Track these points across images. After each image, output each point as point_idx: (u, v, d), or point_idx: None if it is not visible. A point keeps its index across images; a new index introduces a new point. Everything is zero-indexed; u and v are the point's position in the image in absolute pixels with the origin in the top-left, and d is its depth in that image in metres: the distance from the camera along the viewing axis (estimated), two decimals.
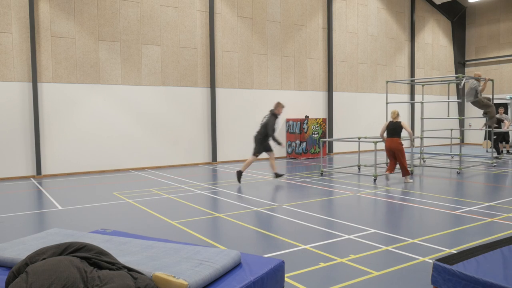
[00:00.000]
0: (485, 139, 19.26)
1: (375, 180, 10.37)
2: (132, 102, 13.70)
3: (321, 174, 11.67)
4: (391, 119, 10.31)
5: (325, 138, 16.99)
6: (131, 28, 13.59)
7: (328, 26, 17.96)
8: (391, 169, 10.34)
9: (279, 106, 10.50)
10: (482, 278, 2.91)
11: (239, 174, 10.41)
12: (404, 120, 20.85)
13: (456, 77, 12.59)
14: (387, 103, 12.75)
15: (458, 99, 21.70)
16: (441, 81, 14.49)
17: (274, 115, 10.48)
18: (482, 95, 12.07)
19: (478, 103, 11.97)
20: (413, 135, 11.04)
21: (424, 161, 13.77)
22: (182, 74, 14.59)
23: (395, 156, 10.22)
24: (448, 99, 13.39)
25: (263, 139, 10.54)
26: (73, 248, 2.86)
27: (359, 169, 12.69)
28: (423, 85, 14.23)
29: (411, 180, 10.43)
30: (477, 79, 11.81)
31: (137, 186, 10.43)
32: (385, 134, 10.47)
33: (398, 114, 10.27)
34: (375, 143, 10.36)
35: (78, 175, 12.67)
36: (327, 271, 4.42)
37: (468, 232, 5.80)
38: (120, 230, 5.42)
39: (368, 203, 7.98)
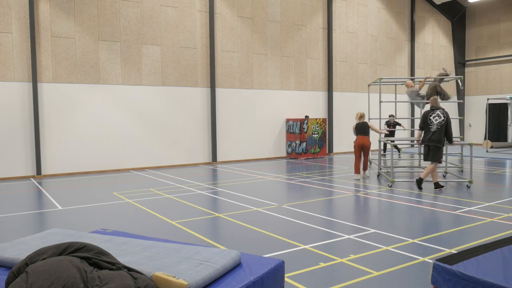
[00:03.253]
0: (485, 139, 19.27)
1: (469, 186, 9.36)
2: (132, 102, 13.70)
3: (390, 186, 9.62)
4: (357, 121, 11.17)
5: (326, 138, 16.86)
6: (131, 28, 13.59)
7: (328, 26, 17.96)
8: (358, 169, 11.04)
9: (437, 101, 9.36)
10: (482, 278, 2.91)
11: (419, 181, 9.16)
12: (404, 120, 20.84)
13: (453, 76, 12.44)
14: (380, 102, 12.49)
15: (458, 99, 21.70)
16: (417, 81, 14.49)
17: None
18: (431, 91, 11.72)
19: (427, 97, 11.78)
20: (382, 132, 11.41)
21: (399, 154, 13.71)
22: (182, 74, 14.59)
23: (363, 152, 11.03)
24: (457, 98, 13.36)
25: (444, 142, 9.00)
26: (73, 248, 2.86)
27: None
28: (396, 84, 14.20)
29: (368, 175, 11.32)
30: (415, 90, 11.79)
31: (137, 186, 10.43)
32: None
33: (362, 116, 11.16)
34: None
35: (78, 175, 12.68)
36: (327, 271, 4.42)
37: (468, 232, 5.80)
38: (120, 230, 5.42)
39: (368, 203, 7.98)
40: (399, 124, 15.91)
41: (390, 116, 15.88)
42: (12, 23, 11.86)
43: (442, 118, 8.86)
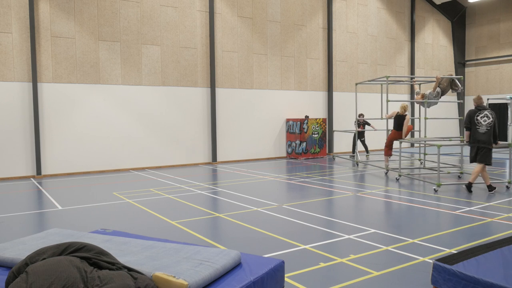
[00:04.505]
0: None
1: (508, 187, 9.22)
2: (132, 102, 13.70)
3: (436, 190, 8.93)
4: (399, 112, 11.28)
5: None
6: (131, 28, 13.59)
7: (328, 26, 17.96)
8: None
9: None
10: (482, 278, 2.91)
11: (469, 186, 8.84)
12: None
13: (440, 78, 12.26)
14: (387, 101, 12.29)
15: (458, 99, 21.71)
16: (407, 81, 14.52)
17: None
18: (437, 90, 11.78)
19: (443, 92, 11.84)
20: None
21: (421, 163, 13.78)
22: (182, 74, 14.59)
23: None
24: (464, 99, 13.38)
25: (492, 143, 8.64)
26: (73, 248, 2.86)
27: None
28: (384, 84, 14.26)
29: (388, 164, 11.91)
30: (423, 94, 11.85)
31: (137, 186, 10.43)
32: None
33: (405, 108, 11.26)
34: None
35: (78, 175, 12.67)
36: (327, 271, 4.42)
37: (468, 232, 5.80)
38: (120, 230, 5.42)
39: (368, 203, 7.98)
40: (369, 124, 15.97)
41: (359, 115, 15.87)
42: (12, 23, 11.86)
43: (491, 119, 8.54)
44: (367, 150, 16.34)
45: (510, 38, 21.43)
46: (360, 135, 15.91)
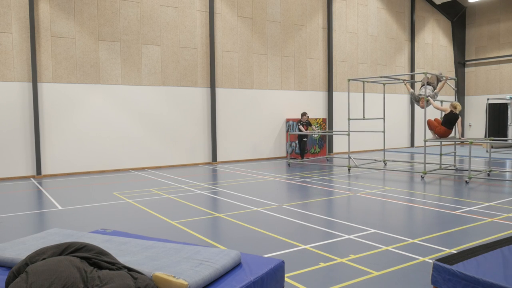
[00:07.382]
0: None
1: None
2: (132, 102, 13.70)
3: None
4: (452, 110, 11.05)
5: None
6: (131, 28, 13.59)
7: (328, 26, 17.95)
8: None
9: None
10: (482, 278, 2.91)
11: None
12: (405, 120, 20.88)
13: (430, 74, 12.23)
14: (426, 100, 11.84)
15: (458, 100, 21.70)
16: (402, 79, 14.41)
17: None
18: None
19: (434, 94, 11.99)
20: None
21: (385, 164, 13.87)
22: (182, 74, 14.59)
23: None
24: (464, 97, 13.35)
25: None
26: (73, 248, 2.86)
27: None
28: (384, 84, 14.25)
29: None
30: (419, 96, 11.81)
31: (137, 186, 10.43)
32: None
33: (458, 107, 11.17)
34: None
35: (78, 175, 12.67)
36: (327, 271, 4.42)
37: (468, 232, 5.80)
38: (120, 230, 5.42)
39: (368, 203, 7.98)
40: (310, 125, 15.79)
41: (303, 115, 15.52)
42: (12, 23, 11.86)
43: None
44: (302, 155, 15.62)
45: (510, 38, 21.43)
46: (303, 136, 15.49)
